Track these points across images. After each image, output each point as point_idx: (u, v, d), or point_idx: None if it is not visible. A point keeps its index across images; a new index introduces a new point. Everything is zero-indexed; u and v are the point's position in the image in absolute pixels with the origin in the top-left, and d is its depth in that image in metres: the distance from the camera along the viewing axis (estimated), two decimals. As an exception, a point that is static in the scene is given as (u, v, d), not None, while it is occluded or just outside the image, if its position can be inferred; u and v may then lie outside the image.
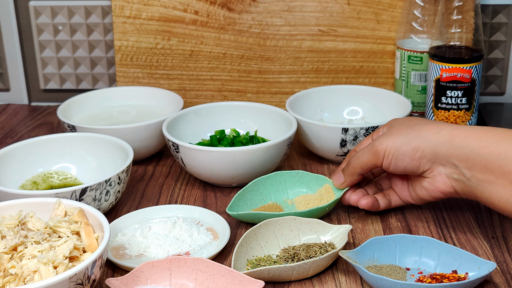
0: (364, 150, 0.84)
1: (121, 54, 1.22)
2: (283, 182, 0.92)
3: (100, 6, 1.24)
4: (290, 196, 0.92)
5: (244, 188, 0.90)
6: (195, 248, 0.82)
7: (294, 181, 0.93)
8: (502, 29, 1.20)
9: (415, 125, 0.82)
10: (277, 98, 1.23)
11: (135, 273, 0.74)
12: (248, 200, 0.90)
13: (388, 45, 1.19)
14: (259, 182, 0.91)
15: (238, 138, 1.02)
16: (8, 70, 1.29)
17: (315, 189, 0.92)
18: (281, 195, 0.92)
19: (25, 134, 1.18)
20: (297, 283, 0.77)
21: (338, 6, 1.18)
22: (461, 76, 1.04)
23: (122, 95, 1.17)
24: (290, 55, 1.20)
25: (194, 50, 1.21)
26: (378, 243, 0.78)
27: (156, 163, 1.07)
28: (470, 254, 0.75)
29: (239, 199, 0.89)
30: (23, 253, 0.71)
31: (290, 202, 0.91)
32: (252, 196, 0.90)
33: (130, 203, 0.95)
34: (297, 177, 0.93)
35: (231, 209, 0.87)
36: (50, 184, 0.97)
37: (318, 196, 0.90)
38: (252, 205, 0.90)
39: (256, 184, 0.91)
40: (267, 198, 0.91)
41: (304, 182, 0.92)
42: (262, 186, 0.91)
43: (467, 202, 0.93)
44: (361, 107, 1.13)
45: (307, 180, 0.92)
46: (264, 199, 0.91)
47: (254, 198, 0.91)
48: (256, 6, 1.18)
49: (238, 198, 0.89)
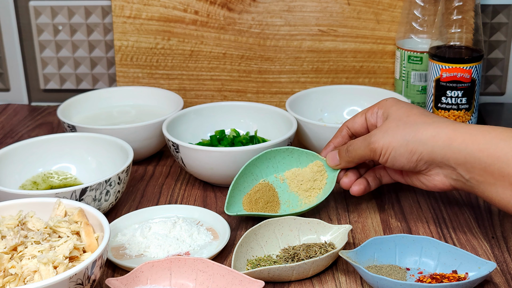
0: (361, 144, 0.84)
1: (121, 54, 1.22)
2: (273, 158, 0.92)
3: (100, 6, 1.24)
4: (280, 171, 0.92)
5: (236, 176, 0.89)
6: (195, 248, 0.82)
7: (284, 156, 0.92)
8: (502, 29, 1.20)
9: (413, 124, 0.80)
10: (277, 98, 1.23)
11: (135, 273, 0.74)
12: (241, 185, 0.89)
13: (388, 45, 1.19)
14: (249, 165, 0.90)
15: (238, 138, 1.02)
16: (8, 70, 1.29)
17: (305, 163, 0.91)
18: (271, 171, 0.92)
19: (25, 134, 1.18)
20: (297, 283, 0.77)
21: (338, 6, 1.18)
22: (461, 76, 1.04)
23: (122, 95, 1.17)
24: (290, 55, 1.20)
25: (194, 50, 1.21)
26: (378, 243, 0.78)
27: (156, 163, 1.07)
28: (470, 254, 0.75)
29: (233, 189, 0.88)
30: (23, 253, 0.71)
31: (282, 178, 0.91)
32: (245, 180, 0.90)
33: (130, 203, 0.95)
34: (287, 152, 0.92)
35: (229, 207, 0.87)
36: (50, 184, 0.97)
37: (310, 173, 0.90)
38: (245, 188, 0.90)
39: (246, 168, 0.90)
40: (258, 176, 0.91)
41: (294, 157, 0.92)
42: (253, 166, 0.91)
43: (467, 202, 0.93)
44: (361, 107, 1.13)
45: (297, 155, 0.92)
46: (256, 178, 0.91)
47: (247, 181, 0.90)
48: (256, 6, 1.18)
49: (232, 189, 0.88)
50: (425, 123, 0.79)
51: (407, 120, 0.81)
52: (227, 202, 0.87)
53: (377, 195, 0.95)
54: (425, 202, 0.93)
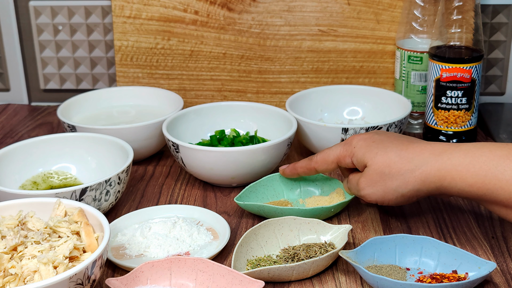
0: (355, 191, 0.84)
1: (121, 54, 1.22)
2: (298, 181, 0.93)
3: (100, 6, 1.24)
4: (302, 196, 0.93)
5: (257, 182, 0.91)
6: (195, 248, 0.82)
7: (308, 182, 0.94)
8: (502, 29, 1.20)
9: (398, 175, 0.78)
10: (277, 98, 1.23)
11: (135, 273, 0.74)
12: (260, 193, 0.91)
13: (388, 45, 1.19)
14: (273, 178, 0.92)
15: (238, 138, 1.02)
16: (8, 70, 1.29)
17: (328, 191, 0.93)
18: (294, 194, 0.93)
19: (25, 134, 1.18)
20: (297, 283, 0.77)
21: (338, 6, 1.18)
22: (461, 76, 1.04)
23: (122, 95, 1.17)
24: (290, 55, 1.20)
25: (194, 50, 1.21)
26: (378, 243, 0.78)
27: (156, 163, 1.07)
28: (470, 254, 0.75)
29: (251, 191, 0.90)
30: (23, 253, 0.71)
31: (302, 201, 0.92)
32: (264, 191, 0.92)
33: (130, 203, 0.95)
34: (312, 178, 0.93)
35: (240, 199, 0.88)
36: (50, 184, 0.97)
37: (329, 199, 0.91)
38: (263, 199, 0.91)
39: (270, 180, 0.92)
40: (280, 194, 0.92)
41: (318, 184, 0.93)
42: (277, 183, 0.93)
43: (467, 202, 0.93)
44: (361, 107, 1.13)
45: (321, 181, 0.93)
46: (277, 195, 0.92)
47: (267, 193, 0.92)
48: (256, 6, 1.18)
49: (249, 190, 0.90)
50: (409, 170, 0.78)
51: (390, 172, 0.79)
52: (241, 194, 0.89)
53: (377, 195, 0.95)
54: (425, 202, 0.93)
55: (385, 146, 0.80)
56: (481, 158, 0.74)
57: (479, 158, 0.74)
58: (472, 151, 0.75)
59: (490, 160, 0.73)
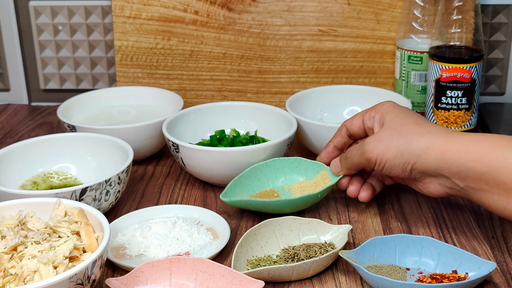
0: (357, 152, 0.84)
1: (121, 54, 1.22)
2: (281, 169, 0.93)
3: (100, 6, 1.24)
4: (288, 183, 0.93)
5: (240, 175, 0.91)
6: (195, 248, 0.82)
7: (292, 168, 0.93)
8: (502, 29, 1.20)
9: (406, 134, 0.80)
10: (277, 98, 1.23)
11: (135, 273, 0.74)
12: (245, 186, 0.91)
13: (388, 45, 1.19)
14: (257, 169, 0.92)
15: (238, 138, 1.02)
16: (8, 70, 1.29)
17: (312, 176, 0.92)
18: (279, 182, 0.93)
19: (25, 134, 1.18)
20: (297, 283, 0.77)
21: (338, 6, 1.18)
22: (461, 76, 1.04)
23: (122, 95, 1.17)
24: (290, 55, 1.20)
25: (194, 50, 1.21)
26: (378, 243, 0.78)
27: (156, 163, 1.07)
28: (470, 254, 0.75)
29: (235, 185, 0.90)
30: (23, 253, 0.71)
31: (287, 188, 0.92)
32: (249, 183, 0.91)
33: (130, 203, 0.95)
34: (295, 164, 0.93)
35: (226, 196, 0.88)
36: (50, 184, 0.97)
37: (313, 183, 0.91)
38: (249, 191, 0.91)
39: (253, 171, 0.92)
40: (265, 184, 0.92)
41: (302, 169, 0.93)
42: (260, 173, 0.92)
43: (467, 202, 0.93)
44: (361, 107, 1.13)
45: (304, 166, 0.93)
46: (262, 185, 0.92)
47: (252, 184, 0.91)
48: (256, 6, 1.18)
49: (234, 185, 0.90)
50: (418, 133, 0.79)
51: (401, 130, 0.81)
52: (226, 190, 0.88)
53: (377, 195, 0.95)
54: (425, 202, 0.93)
55: (408, 113, 0.83)
56: (491, 138, 0.75)
57: (488, 138, 0.75)
58: (483, 135, 0.76)
59: (499, 139, 0.74)
